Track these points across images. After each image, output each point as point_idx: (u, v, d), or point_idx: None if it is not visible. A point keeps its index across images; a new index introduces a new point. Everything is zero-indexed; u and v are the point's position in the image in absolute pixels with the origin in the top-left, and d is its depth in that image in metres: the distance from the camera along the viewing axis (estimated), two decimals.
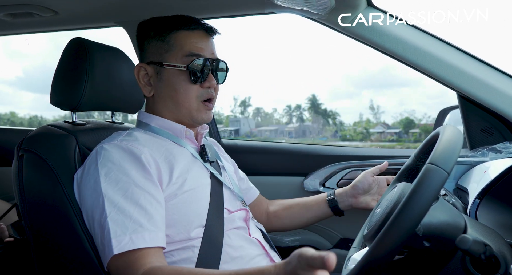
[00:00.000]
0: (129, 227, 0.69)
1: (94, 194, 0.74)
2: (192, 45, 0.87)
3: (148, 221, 0.72)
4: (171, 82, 0.87)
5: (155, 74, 0.88)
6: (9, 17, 1.30)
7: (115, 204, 0.72)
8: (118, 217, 0.70)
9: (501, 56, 27.39)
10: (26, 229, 0.83)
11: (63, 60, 0.93)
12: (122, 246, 0.68)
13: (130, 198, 0.73)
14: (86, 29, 1.48)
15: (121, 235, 0.69)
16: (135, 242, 0.68)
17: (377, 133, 40.48)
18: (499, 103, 1.08)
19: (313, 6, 1.06)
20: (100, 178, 0.74)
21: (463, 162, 1.16)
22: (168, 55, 0.86)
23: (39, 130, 0.88)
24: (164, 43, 0.87)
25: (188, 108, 0.88)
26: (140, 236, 0.69)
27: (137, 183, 0.75)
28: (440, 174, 0.56)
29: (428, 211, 0.56)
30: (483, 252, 0.57)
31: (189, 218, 0.80)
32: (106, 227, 0.70)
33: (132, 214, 0.71)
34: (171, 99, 0.88)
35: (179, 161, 0.84)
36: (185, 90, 0.87)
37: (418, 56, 1.11)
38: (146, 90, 0.90)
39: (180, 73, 0.86)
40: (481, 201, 0.89)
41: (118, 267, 0.69)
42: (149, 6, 1.23)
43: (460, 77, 1.09)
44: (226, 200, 0.89)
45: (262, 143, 1.66)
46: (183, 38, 0.87)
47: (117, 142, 0.81)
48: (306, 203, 1.11)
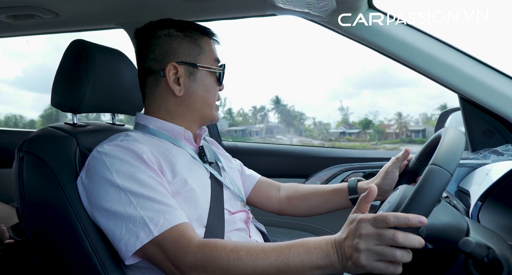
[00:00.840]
0: (160, 210, 0.72)
1: (112, 191, 0.74)
2: (215, 52, 0.95)
3: (173, 202, 0.75)
4: (205, 83, 0.91)
5: (187, 74, 0.90)
6: (10, 19, 1.30)
7: (137, 194, 0.73)
8: (146, 204, 0.72)
9: (501, 56, 27.48)
10: (26, 231, 0.83)
11: (64, 62, 0.93)
12: (160, 227, 0.70)
13: (149, 186, 0.75)
14: (87, 31, 1.48)
15: (155, 218, 0.71)
16: (170, 221, 0.71)
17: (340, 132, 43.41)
18: (501, 105, 1.07)
19: (314, 8, 1.06)
20: (114, 175, 0.75)
21: (464, 165, 1.15)
22: (201, 58, 0.91)
23: (40, 132, 0.88)
24: (196, 46, 0.91)
25: (211, 107, 0.94)
26: (173, 215, 0.72)
27: (150, 175, 0.77)
28: (443, 175, 0.56)
29: (431, 211, 0.56)
30: (486, 255, 0.57)
31: (190, 218, 0.80)
32: (138, 215, 0.71)
33: (158, 199, 0.73)
34: (201, 99, 0.91)
35: (178, 160, 0.84)
36: (214, 91, 0.94)
37: (420, 58, 1.11)
38: (176, 89, 0.89)
39: (211, 75, 0.92)
40: (483, 203, 0.89)
41: (163, 246, 0.70)
42: (150, 8, 1.23)
43: (461, 79, 1.09)
44: (227, 200, 0.89)
45: (263, 145, 1.66)
46: (210, 44, 0.94)
47: (117, 142, 0.81)
48: (323, 194, 1.05)
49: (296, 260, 0.64)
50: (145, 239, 0.70)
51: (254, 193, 1.10)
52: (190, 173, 0.84)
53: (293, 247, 0.66)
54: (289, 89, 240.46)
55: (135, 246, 0.70)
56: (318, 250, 0.64)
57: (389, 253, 0.57)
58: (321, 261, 0.63)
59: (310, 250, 0.64)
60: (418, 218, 0.55)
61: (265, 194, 1.10)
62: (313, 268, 0.64)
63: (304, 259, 0.64)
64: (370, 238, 0.58)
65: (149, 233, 0.70)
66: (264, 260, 0.65)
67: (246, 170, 1.13)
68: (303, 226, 1.48)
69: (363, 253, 0.58)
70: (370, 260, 0.58)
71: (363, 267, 0.59)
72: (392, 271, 0.58)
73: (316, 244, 0.65)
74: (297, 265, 0.64)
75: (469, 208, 0.93)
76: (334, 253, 0.63)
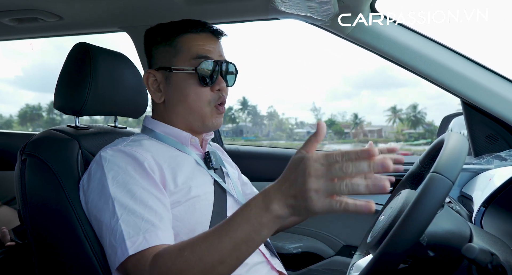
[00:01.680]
0: (142, 227, 0.69)
1: (103, 198, 0.73)
2: (200, 47, 0.86)
3: (160, 221, 0.71)
4: (180, 86, 0.86)
5: (164, 79, 0.88)
6: (14, 22, 1.31)
7: (125, 206, 0.71)
8: (129, 218, 0.70)
9: (501, 57, 27.36)
10: (28, 232, 0.83)
11: (67, 65, 0.93)
12: (136, 246, 0.67)
13: (139, 200, 0.72)
14: (90, 34, 1.49)
15: (134, 235, 0.68)
16: (149, 240, 0.68)
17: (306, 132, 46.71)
18: (504, 110, 1.07)
19: (316, 12, 1.06)
20: (108, 182, 0.74)
21: (467, 170, 1.15)
22: (176, 59, 0.86)
23: (42, 134, 0.88)
24: (171, 48, 0.87)
25: (200, 112, 0.87)
26: (154, 235, 0.69)
27: (144, 186, 0.74)
28: (444, 183, 0.55)
29: (432, 221, 0.55)
30: (490, 261, 0.56)
31: (191, 226, 0.79)
32: (118, 229, 0.69)
33: (143, 215, 0.70)
34: (181, 104, 0.87)
35: (182, 169, 0.83)
36: (196, 94, 0.85)
37: (423, 63, 1.11)
38: (156, 96, 0.89)
39: (189, 76, 0.85)
40: (486, 209, 0.88)
41: (133, 266, 0.68)
42: (153, 11, 1.23)
43: (464, 84, 1.09)
44: (229, 207, 0.88)
45: (264, 149, 1.65)
46: (190, 41, 0.86)
47: (120, 147, 0.80)
48: None
49: (238, 232, 0.58)
50: (121, 258, 0.68)
51: None
52: (193, 181, 0.83)
53: (230, 220, 0.60)
54: (288, 89, 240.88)
55: (115, 263, 0.69)
56: (253, 208, 0.57)
57: (337, 185, 0.51)
58: (261, 219, 0.56)
59: (247, 214, 0.57)
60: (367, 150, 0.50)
61: None
62: (258, 230, 0.57)
63: (245, 227, 0.57)
64: (320, 176, 0.51)
65: (125, 251, 0.67)
66: (209, 249, 0.60)
67: (243, 178, 1.12)
68: (306, 231, 1.47)
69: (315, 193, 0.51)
70: (322, 198, 0.51)
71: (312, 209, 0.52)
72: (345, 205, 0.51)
73: (250, 204, 0.58)
74: (241, 237, 0.57)
75: (472, 213, 0.93)
76: (273, 202, 0.55)
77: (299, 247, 1.43)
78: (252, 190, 1.12)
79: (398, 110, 60.58)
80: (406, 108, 62.46)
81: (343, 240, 1.42)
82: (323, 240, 1.44)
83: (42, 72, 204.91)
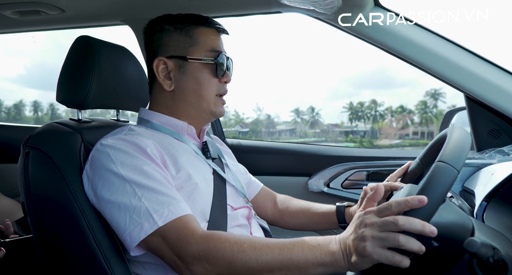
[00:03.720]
0: (164, 202, 0.72)
1: (117, 182, 0.74)
2: (214, 41, 0.90)
3: (177, 195, 0.75)
4: (196, 75, 0.88)
5: (177, 67, 0.89)
6: (16, 14, 1.30)
7: (142, 185, 0.73)
8: (150, 195, 0.72)
9: (501, 57, 27.23)
10: (31, 225, 0.83)
11: (69, 58, 0.93)
12: (164, 218, 0.70)
13: (153, 178, 0.75)
14: (92, 27, 1.48)
15: (159, 209, 0.71)
16: (174, 212, 0.71)
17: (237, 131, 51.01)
18: (508, 105, 1.06)
19: (320, 5, 1.06)
20: (119, 167, 0.75)
21: (470, 164, 1.15)
22: (193, 49, 0.88)
23: (45, 127, 0.88)
24: (187, 38, 0.89)
25: (208, 101, 0.90)
26: (177, 206, 0.72)
27: (154, 168, 0.77)
28: (450, 171, 0.55)
29: (437, 209, 0.55)
30: (492, 255, 0.56)
31: (194, 211, 0.80)
32: (142, 206, 0.71)
33: (162, 190, 0.73)
34: (194, 92, 0.89)
35: (181, 155, 0.84)
36: (208, 83, 0.89)
37: (426, 57, 1.10)
38: (166, 84, 0.89)
39: (205, 66, 0.88)
40: (488, 203, 0.88)
41: (167, 237, 0.70)
42: (155, 4, 1.23)
43: (468, 79, 1.08)
44: (229, 196, 0.89)
45: (266, 143, 1.65)
46: (206, 34, 0.89)
47: (121, 136, 0.81)
48: (313, 216, 1.04)
49: (299, 255, 0.64)
50: (149, 230, 0.70)
51: (254, 201, 1.10)
52: (193, 168, 0.84)
53: (297, 243, 0.66)
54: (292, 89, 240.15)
55: (140, 237, 0.70)
56: (322, 246, 0.64)
57: (391, 237, 0.57)
58: (324, 257, 0.63)
59: (314, 247, 0.64)
60: (416, 198, 0.56)
61: (262, 204, 1.11)
62: (317, 264, 0.63)
63: (308, 255, 0.64)
64: (374, 226, 0.59)
65: (153, 223, 0.70)
66: (268, 254, 0.65)
67: (250, 176, 1.13)
68: None
69: (368, 241, 0.58)
70: (376, 247, 0.58)
71: (369, 256, 0.58)
72: (398, 261, 0.57)
73: (320, 241, 0.65)
74: (300, 261, 0.64)
75: (473, 208, 0.93)
76: (339, 250, 0.63)
77: None
78: (249, 179, 1.12)
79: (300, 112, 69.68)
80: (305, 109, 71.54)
81: None
82: (325, 235, 1.45)
83: (44, 71, 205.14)
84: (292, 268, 0.64)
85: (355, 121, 67.53)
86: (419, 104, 62.16)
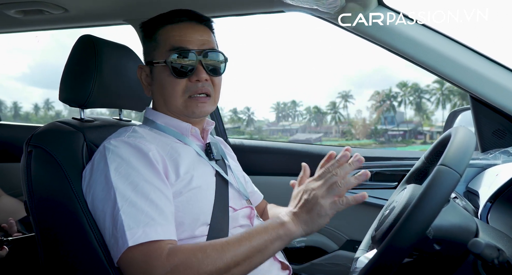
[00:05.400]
0: (142, 221, 0.70)
1: (106, 188, 0.74)
2: (176, 38, 0.84)
3: (159, 215, 0.72)
4: (159, 79, 0.87)
5: (149, 74, 0.91)
6: (20, 14, 1.31)
7: (126, 198, 0.72)
8: (130, 210, 0.70)
9: (501, 57, 27.40)
10: (34, 224, 0.84)
11: (72, 57, 0.93)
12: (136, 239, 0.68)
13: (141, 192, 0.73)
14: (95, 26, 1.48)
15: (134, 227, 0.69)
16: (149, 234, 0.69)
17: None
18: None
19: (323, 5, 1.05)
20: (111, 173, 0.74)
21: (474, 165, 1.13)
22: (156, 53, 0.87)
23: (48, 127, 0.88)
24: (152, 41, 0.89)
25: (176, 104, 0.87)
26: (153, 230, 0.69)
27: (147, 179, 0.75)
28: (452, 175, 0.55)
29: (439, 213, 0.55)
30: (496, 256, 0.56)
31: (194, 216, 0.80)
32: (119, 220, 0.70)
33: (143, 208, 0.71)
34: (161, 97, 0.89)
35: (184, 159, 0.83)
36: (171, 86, 0.85)
37: (431, 57, 1.09)
38: (147, 90, 0.93)
39: (164, 69, 0.85)
40: (493, 204, 0.87)
41: (135, 259, 0.69)
42: (157, 4, 1.23)
43: (472, 79, 1.07)
44: (231, 198, 0.89)
45: (268, 143, 1.65)
46: (167, 33, 0.86)
47: (124, 138, 0.81)
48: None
49: (257, 239, 0.70)
50: (121, 248, 0.69)
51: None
52: (195, 171, 0.83)
53: (251, 230, 0.72)
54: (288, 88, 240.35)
55: (118, 253, 0.70)
56: (272, 222, 0.73)
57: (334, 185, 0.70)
58: (278, 230, 0.71)
59: (266, 226, 0.72)
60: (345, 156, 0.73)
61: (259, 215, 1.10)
62: (273, 239, 0.71)
63: (264, 235, 0.71)
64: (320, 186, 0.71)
65: (125, 242, 0.68)
66: (230, 250, 0.69)
67: (253, 186, 1.12)
68: None
69: (322, 198, 0.70)
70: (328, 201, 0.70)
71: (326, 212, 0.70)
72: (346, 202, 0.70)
73: (270, 220, 0.76)
74: (260, 244, 0.70)
75: (478, 209, 0.92)
76: (289, 220, 0.72)
77: (302, 241, 1.44)
78: (252, 189, 1.11)
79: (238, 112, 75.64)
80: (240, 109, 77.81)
81: (346, 234, 1.42)
82: (326, 235, 1.44)
83: (46, 70, 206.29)
84: (255, 254, 0.70)
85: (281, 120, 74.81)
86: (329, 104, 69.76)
